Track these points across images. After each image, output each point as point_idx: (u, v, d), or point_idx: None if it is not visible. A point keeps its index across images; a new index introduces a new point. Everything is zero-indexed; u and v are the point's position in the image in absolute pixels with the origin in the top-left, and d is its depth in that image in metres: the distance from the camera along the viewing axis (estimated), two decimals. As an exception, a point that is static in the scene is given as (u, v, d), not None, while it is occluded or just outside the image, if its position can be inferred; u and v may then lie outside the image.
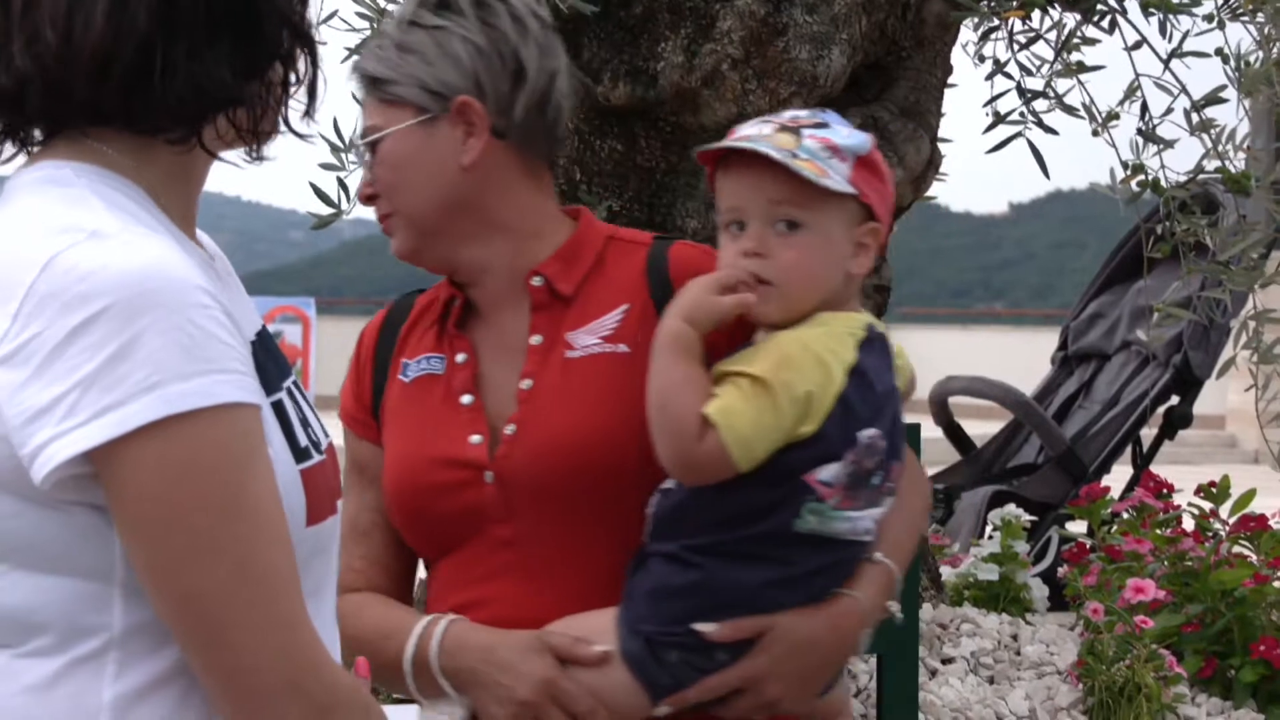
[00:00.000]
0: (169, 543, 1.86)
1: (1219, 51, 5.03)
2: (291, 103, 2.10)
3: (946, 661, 5.08)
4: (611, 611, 2.53)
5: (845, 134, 2.51)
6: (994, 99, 5.41)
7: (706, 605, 2.49)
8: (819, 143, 2.48)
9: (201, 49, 1.95)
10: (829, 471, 2.45)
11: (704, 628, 2.47)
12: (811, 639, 2.52)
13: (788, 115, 2.55)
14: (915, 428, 4.40)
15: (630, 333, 2.62)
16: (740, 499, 2.46)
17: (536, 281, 2.64)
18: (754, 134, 2.52)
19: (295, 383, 2.14)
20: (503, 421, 2.62)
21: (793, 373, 2.44)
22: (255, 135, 2.04)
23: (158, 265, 1.85)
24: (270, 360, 2.05)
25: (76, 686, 1.90)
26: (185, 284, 1.86)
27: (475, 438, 2.61)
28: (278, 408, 2.00)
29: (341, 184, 4.98)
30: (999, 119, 5.41)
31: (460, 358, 2.67)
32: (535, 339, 2.64)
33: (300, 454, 2.00)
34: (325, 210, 4.97)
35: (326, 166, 4.92)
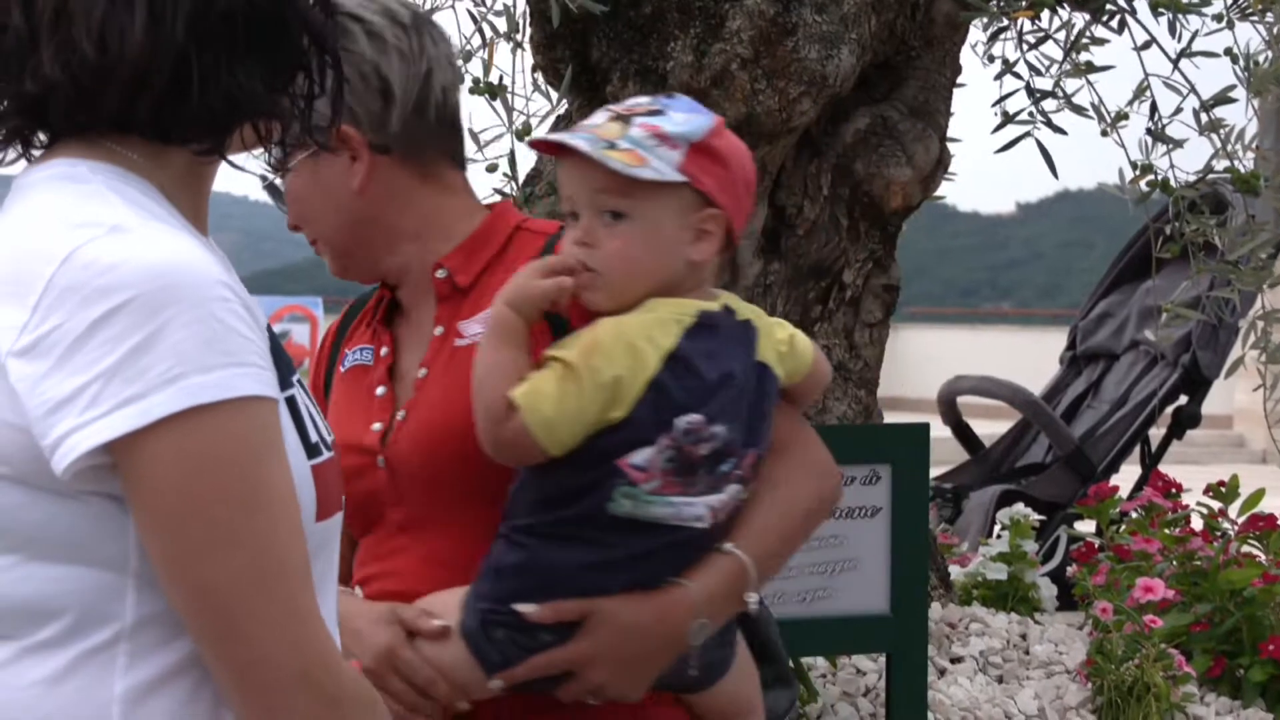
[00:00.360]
0: (186, 534, 1.87)
1: (1228, 51, 5.04)
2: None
3: (955, 661, 5.08)
4: (465, 588, 2.57)
5: (681, 120, 2.52)
6: (1003, 99, 5.41)
7: (531, 585, 2.52)
8: (646, 131, 2.50)
9: (235, 62, 1.96)
10: (642, 456, 2.47)
11: (524, 608, 2.51)
12: (636, 625, 2.54)
13: (629, 102, 2.58)
14: (924, 427, 4.42)
15: None
16: (555, 481, 2.50)
17: (440, 274, 2.72)
18: (588, 123, 2.55)
19: (300, 380, 2.15)
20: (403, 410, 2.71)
21: (601, 358, 2.47)
22: (283, 145, 2.06)
23: (179, 259, 1.87)
24: (280, 357, 2.07)
25: (87, 679, 1.91)
26: (206, 278, 1.87)
27: (376, 425, 2.68)
28: (291, 403, 2.01)
29: (351, 183, 4.99)
30: (1008, 119, 5.42)
31: (384, 351, 2.76)
32: (438, 330, 2.72)
33: (312, 450, 2.01)
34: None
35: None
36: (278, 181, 2.80)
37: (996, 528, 7.07)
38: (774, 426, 2.64)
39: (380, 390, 2.74)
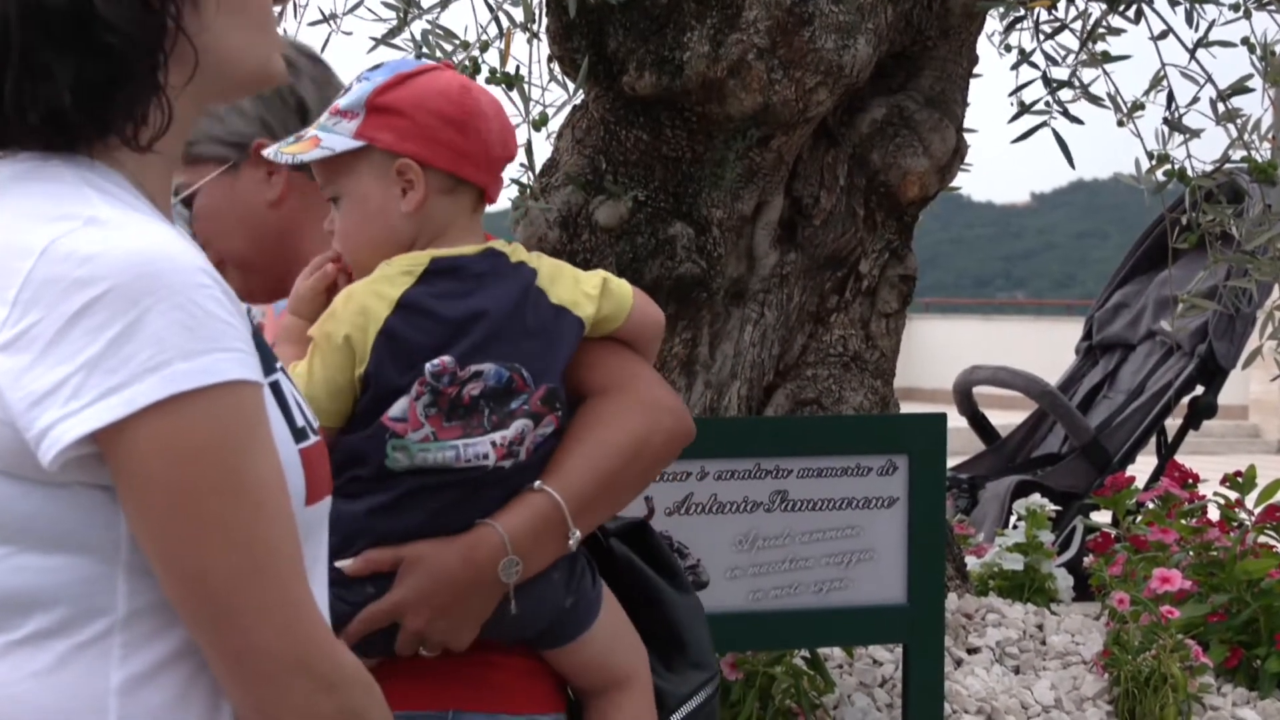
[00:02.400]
0: (175, 523, 1.88)
1: (1245, 41, 5.03)
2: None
3: (972, 651, 5.08)
4: None
5: (355, 89, 2.61)
6: (1019, 89, 5.41)
7: (337, 542, 2.50)
8: (329, 113, 2.63)
9: (47, 72, 1.95)
10: (398, 407, 2.55)
11: (342, 563, 2.56)
12: (443, 567, 2.59)
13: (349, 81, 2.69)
14: (941, 418, 4.42)
15: None
16: (341, 449, 2.57)
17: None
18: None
19: (283, 368, 2.16)
20: None
21: (332, 323, 2.57)
22: (136, 141, 2.03)
23: (157, 247, 1.87)
24: (262, 343, 2.07)
25: (83, 670, 1.91)
26: (185, 265, 1.88)
27: None
28: (275, 388, 2.01)
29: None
30: (1024, 109, 5.41)
31: None
32: None
33: (299, 434, 2.01)
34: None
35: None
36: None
37: (1013, 518, 7.06)
38: (602, 371, 2.70)
39: None
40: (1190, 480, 5.79)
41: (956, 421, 6.88)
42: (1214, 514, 5.63)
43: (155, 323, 1.83)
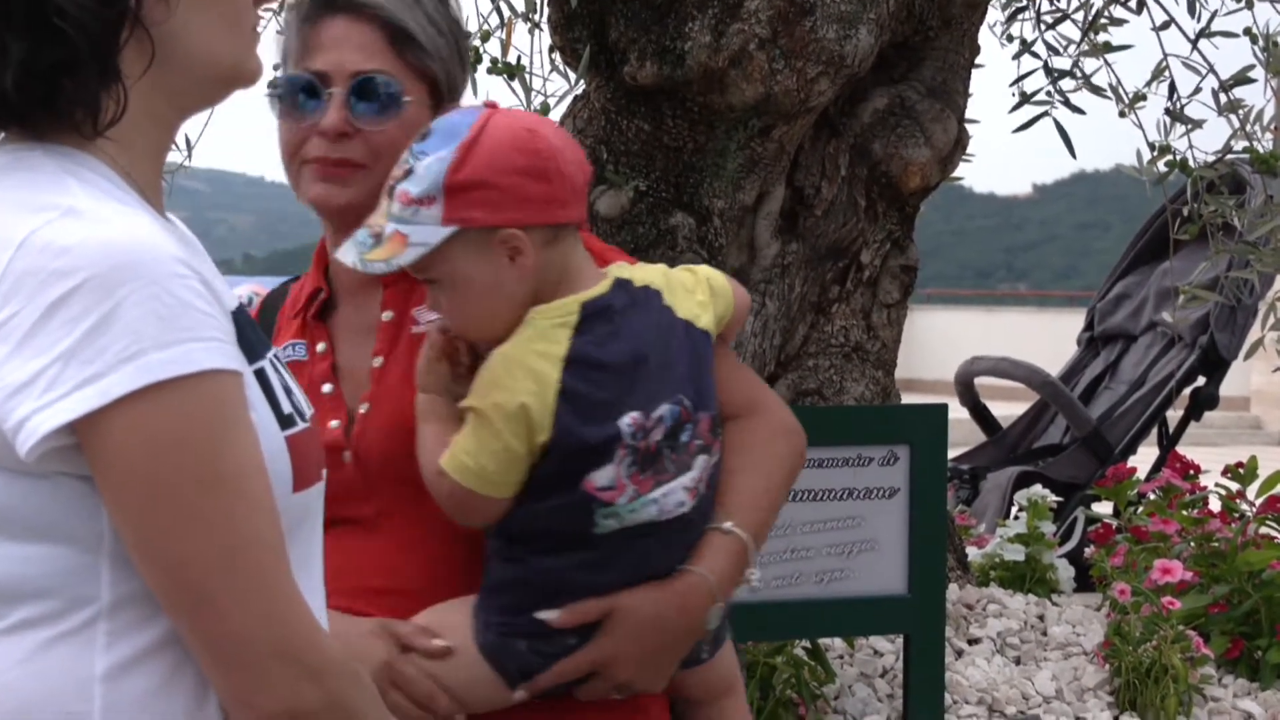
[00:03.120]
0: (154, 512, 1.88)
1: (1247, 31, 5.02)
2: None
3: (973, 642, 5.08)
4: (467, 604, 2.58)
5: (423, 173, 2.47)
6: (1020, 79, 5.41)
7: (538, 595, 2.54)
8: (401, 203, 2.47)
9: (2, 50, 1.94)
10: (605, 476, 2.49)
11: (546, 615, 2.52)
12: (657, 618, 2.55)
13: (397, 171, 2.51)
14: (942, 408, 4.42)
15: None
16: (530, 514, 2.52)
17: None
18: (369, 218, 2.53)
19: (277, 355, 2.15)
20: (358, 402, 2.66)
21: (501, 392, 2.48)
22: (90, 127, 2.03)
23: (134, 238, 1.87)
24: (251, 331, 2.07)
25: (68, 658, 1.92)
26: (162, 255, 1.88)
27: (334, 422, 2.63)
28: (260, 375, 2.02)
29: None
30: (1025, 99, 5.41)
31: (320, 347, 2.70)
32: (386, 315, 2.68)
33: (285, 421, 2.02)
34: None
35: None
36: None
37: (1014, 509, 7.06)
38: (731, 389, 2.65)
39: (327, 387, 2.69)
40: (1192, 471, 5.79)
41: (958, 412, 6.88)
42: (1215, 505, 5.63)
43: (130, 313, 1.83)
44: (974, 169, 5.43)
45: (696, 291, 2.63)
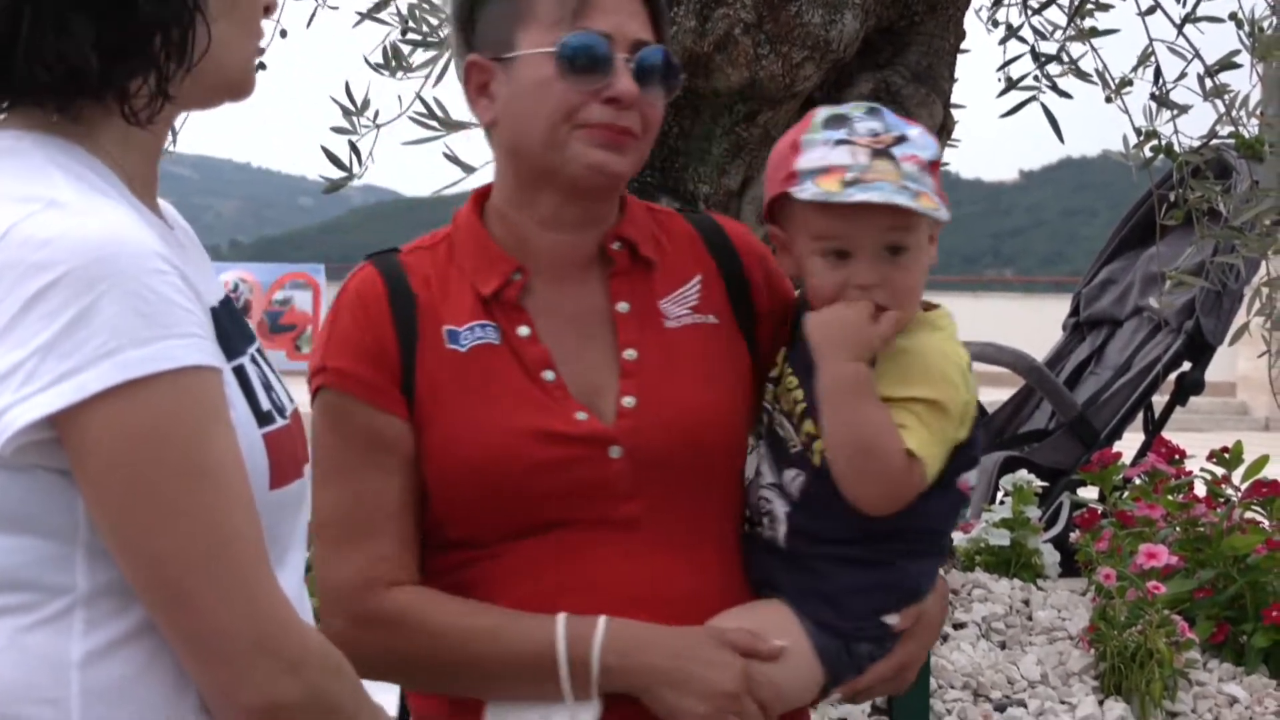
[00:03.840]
0: (131, 507, 1.88)
1: (1233, 16, 5.02)
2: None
3: (958, 626, 5.09)
4: (777, 606, 2.53)
5: (922, 142, 2.49)
6: (1007, 64, 5.41)
7: (892, 599, 2.54)
8: (914, 164, 2.47)
9: (66, 27, 1.94)
10: (973, 475, 2.53)
11: (891, 619, 2.52)
12: (936, 619, 2.58)
13: (864, 131, 2.49)
14: (928, 393, 4.41)
15: (712, 304, 2.58)
16: (920, 513, 2.51)
17: (616, 246, 2.55)
18: (848, 163, 2.47)
19: (259, 350, 2.15)
20: (599, 395, 2.50)
21: (952, 388, 2.50)
22: (150, 106, 2.02)
23: (114, 232, 1.87)
24: (234, 326, 2.07)
25: (45, 645, 1.92)
26: (142, 250, 1.87)
27: (580, 414, 2.47)
28: (239, 373, 2.01)
29: (353, 147, 4.97)
30: (1011, 84, 5.41)
31: (523, 331, 2.52)
32: (622, 306, 2.55)
33: (263, 418, 2.01)
34: (337, 174, 4.97)
35: (339, 130, 4.91)
36: None
37: (999, 494, 7.07)
38: None
39: (548, 374, 2.50)
40: (1177, 456, 5.80)
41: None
42: (1201, 490, 5.64)
43: (109, 309, 1.83)
44: (960, 155, 5.43)
45: None
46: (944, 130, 5.28)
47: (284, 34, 5.43)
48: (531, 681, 2.42)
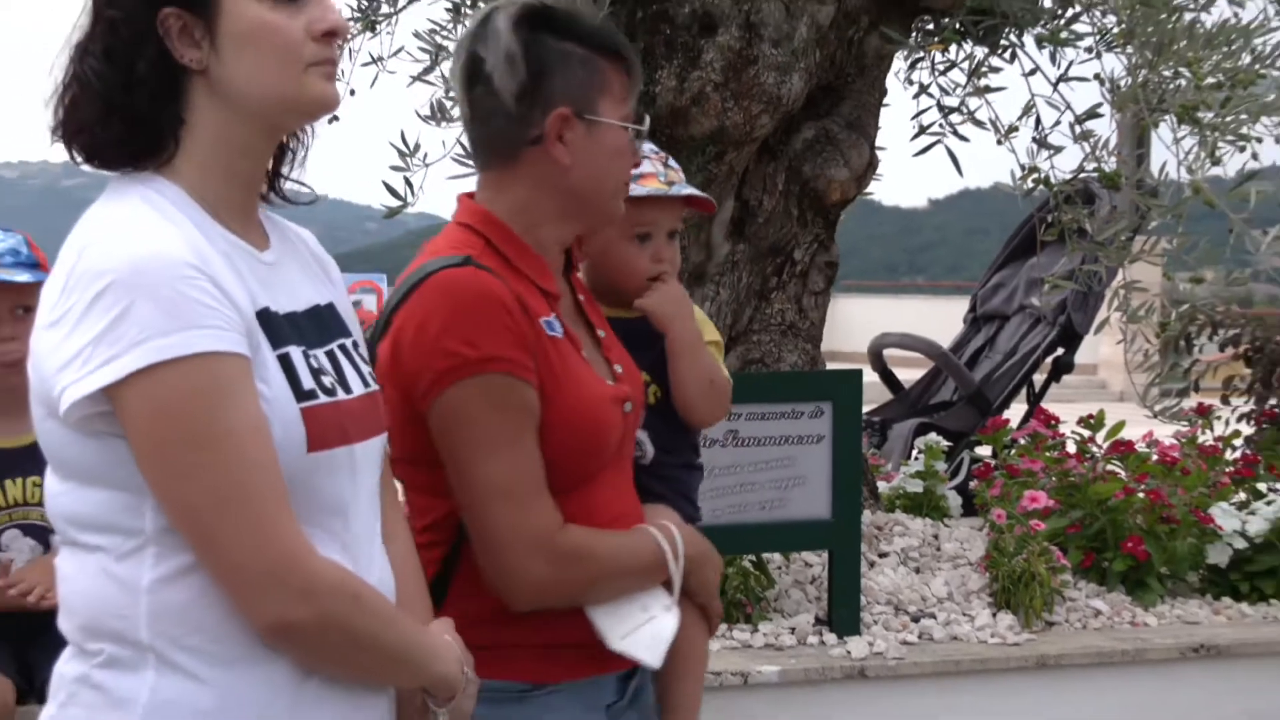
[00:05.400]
0: (162, 464, 1.88)
1: (1096, 76, 5.02)
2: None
3: (882, 555, 5.08)
4: (664, 506, 2.66)
5: (671, 159, 2.77)
6: (919, 114, 5.40)
7: (697, 486, 2.85)
8: (676, 170, 2.76)
9: (102, 127, 2.02)
10: None
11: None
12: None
13: (654, 150, 2.77)
14: (858, 373, 4.40)
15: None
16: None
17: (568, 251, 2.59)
18: (659, 171, 2.73)
19: (340, 345, 2.13)
20: (598, 364, 2.53)
21: (717, 334, 2.82)
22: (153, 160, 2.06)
23: (154, 249, 1.89)
24: (291, 327, 2.05)
25: (124, 574, 1.93)
26: (174, 263, 1.88)
27: (609, 380, 2.50)
28: (283, 359, 2.00)
29: (408, 182, 4.95)
30: (922, 130, 5.40)
31: (603, 333, 2.59)
32: (582, 296, 2.62)
33: (303, 395, 1.99)
34: (394, 203, 4.95)
35: (396, 169, 4.88)
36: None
37: (914, 452, 7.05)
38: None
39: (586, 353, 2.51)
40: (1053, 422, 5.78)
41: (870, 377, 6.88)
42: (1071, 448, 5.62)
43: (143, 308, 1.85)
44: (882, 186, 5.42)
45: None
46: (870, 166, 5.27)
47: (352, 93, 5.41)
48: (649, 578, 2.49)
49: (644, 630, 2.49)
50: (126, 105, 2.00)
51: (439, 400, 2.33)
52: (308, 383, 2.02)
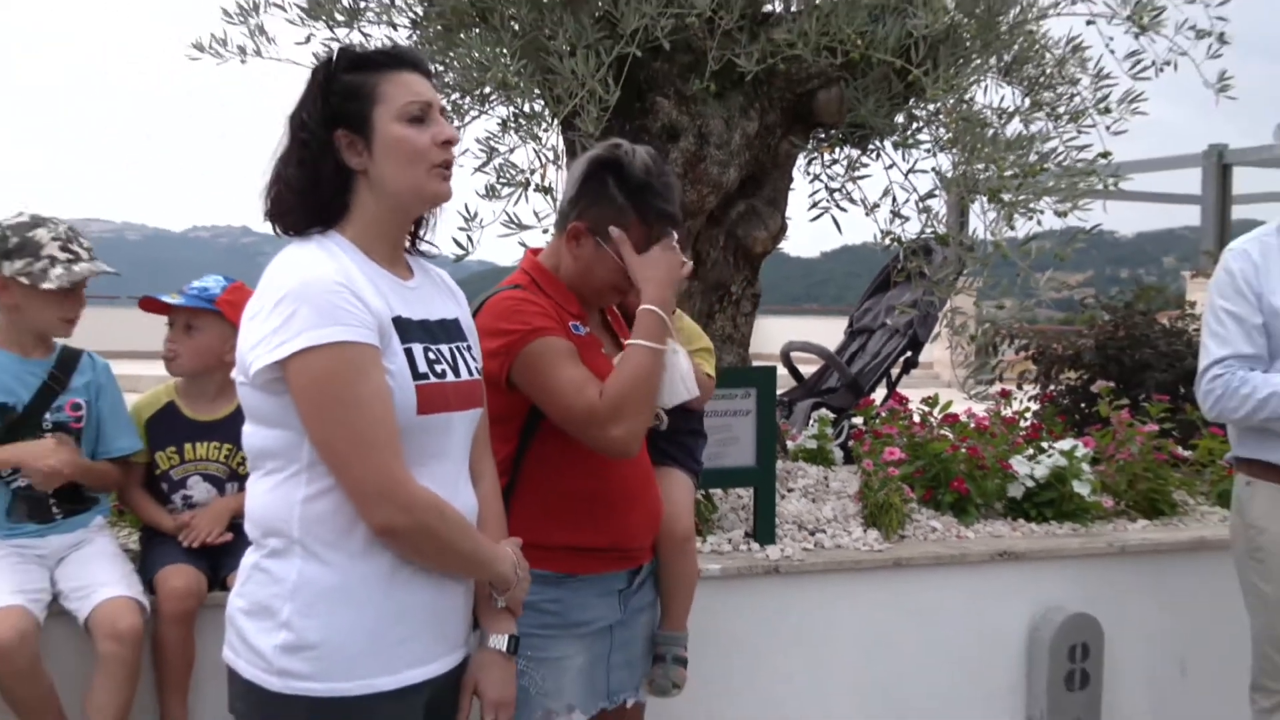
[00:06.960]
0: (313, 416, 1.90)
1: (934, 169, 5.03)
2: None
3: (790, 490, 5.08)
4: (674, 470, 2.68)
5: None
6: (814, 194, 5.40)
7: (701, 452, 2.82)
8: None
9: (297, 212, 2.06)
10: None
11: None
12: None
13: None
14: (773, 369, 4.40)
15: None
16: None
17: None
18: None
19: (456, 347, 2.13)
20: (614, 355, 2.53)
21: (708, 342, 2.77)
22: (326, 227, 2.10)
23: (313, 273, 1.92)
24: (420, 330, 2.06)
25: (286, 491, 1.96)
26: (326, 280, 1.91)
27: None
28: (408, 351, 2.02)
29: (470, 238, 4.93)
30: (815, 204, 5.40)
31: (585, 327, 2.57)
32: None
33: (418, 375, 2.02)
34: (460, 252, 4.94)
35: (461, 229, 4.87)
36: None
37: (811, 422, 7.05)
38: None
39: (606, 350, 2.56)
40: (904, 401, 5.78)
41: (781, 371, 6.87)
42: (917, 419, 5.63)
43: (304, 310, 1.89)
44: (790, 243, 5.44)
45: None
46: (782, 229, 5.27)
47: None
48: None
49: (675, 380, 2.39)
50: (314, 196, 2.01)
51: (516, 361, 2.40)
52: (423, 368, 2.04)
